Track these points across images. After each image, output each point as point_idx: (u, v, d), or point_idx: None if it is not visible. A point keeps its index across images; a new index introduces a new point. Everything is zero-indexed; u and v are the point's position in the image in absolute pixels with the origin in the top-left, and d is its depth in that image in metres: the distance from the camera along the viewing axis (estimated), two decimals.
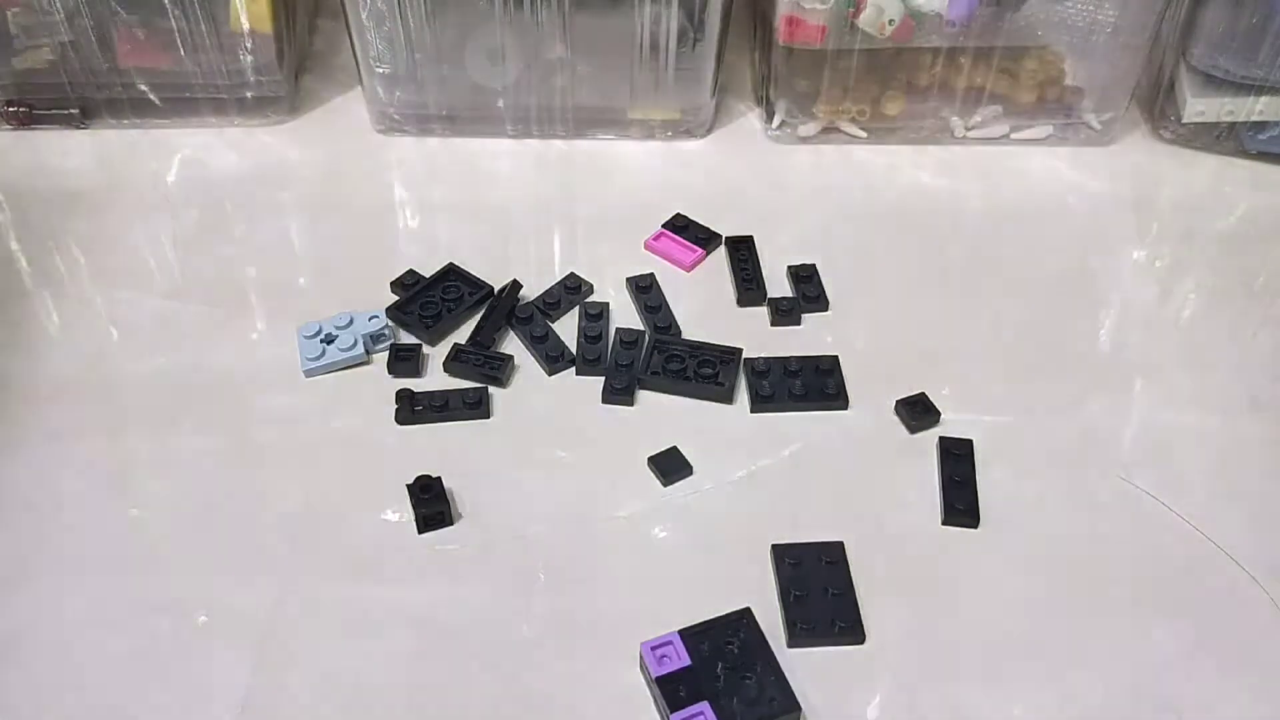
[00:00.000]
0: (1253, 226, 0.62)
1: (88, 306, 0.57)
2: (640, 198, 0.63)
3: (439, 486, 0.48)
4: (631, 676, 0.43)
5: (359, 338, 0.54)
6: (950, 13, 0.59)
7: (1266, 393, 0.54)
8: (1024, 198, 0.63)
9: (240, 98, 0.65)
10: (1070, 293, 0.58)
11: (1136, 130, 0.68)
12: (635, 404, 0.53)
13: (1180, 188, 0.64)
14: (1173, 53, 0.64)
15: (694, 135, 0.66)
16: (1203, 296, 0.58)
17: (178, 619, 0.45)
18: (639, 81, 0.63)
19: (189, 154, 0.65)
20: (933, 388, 0.53)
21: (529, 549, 0.47)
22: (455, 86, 0.64)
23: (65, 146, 0.65)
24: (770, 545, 0.47)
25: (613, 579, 0.46)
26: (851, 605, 0.45)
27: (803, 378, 0.53)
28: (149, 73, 0.64)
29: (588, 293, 0.57)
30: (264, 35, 0.63)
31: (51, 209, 0.62)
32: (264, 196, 0.63)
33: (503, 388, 0.53)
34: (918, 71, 0.63)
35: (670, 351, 0.54)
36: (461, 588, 0.46)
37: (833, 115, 0.65)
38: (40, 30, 0.61)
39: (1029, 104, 0.65)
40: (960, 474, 0.49)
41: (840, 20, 0.60)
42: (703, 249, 0.59)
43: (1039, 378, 0.54)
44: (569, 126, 0.66)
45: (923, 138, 0.66)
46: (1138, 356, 0.55)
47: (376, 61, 0.63)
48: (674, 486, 0.49)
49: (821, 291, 0.57)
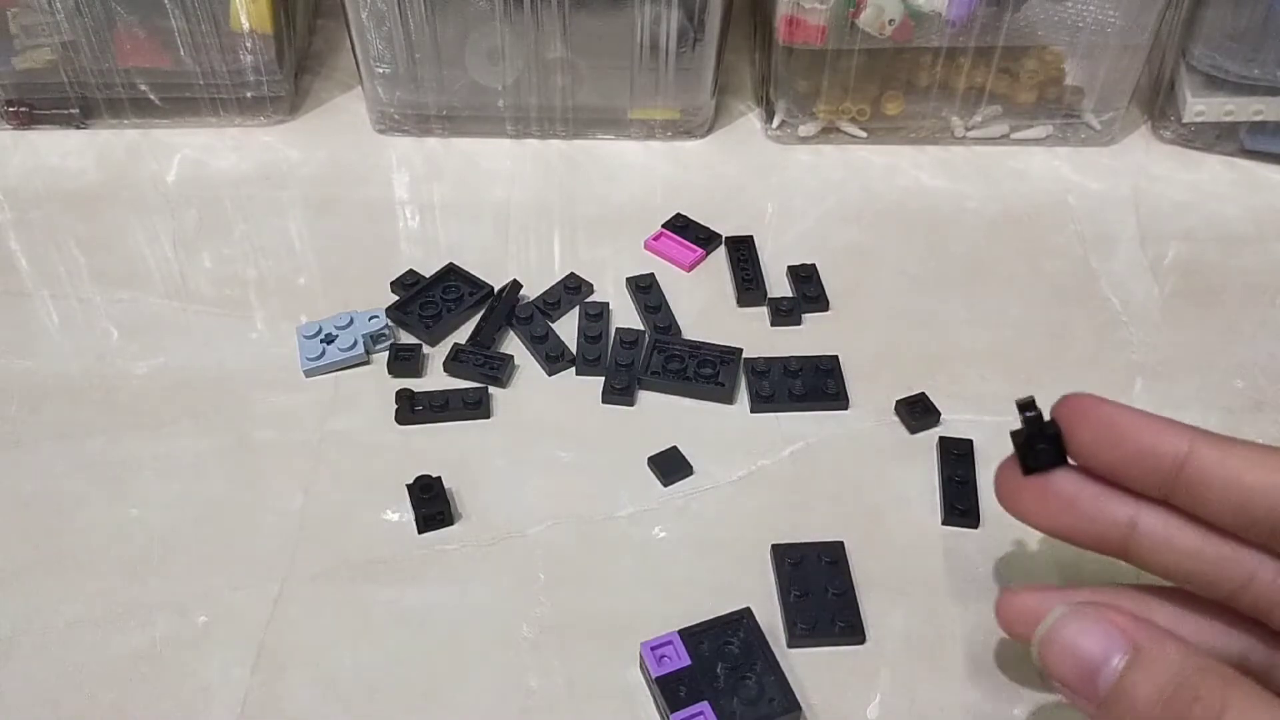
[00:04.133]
0: (1253, 226, 0.62)
1: (87, 306, 0.57)
2: (640, 198, 0.63)
3: (439, 486, 0.48)
4: (631, 676, 0.43)
5: (359, 338, 0.54)
6: (950, 13, 0.59)
7: (1267, 393, 0.54)
8: (1024, 197, 0.64)
9: (240, 97, 0.65)
10: (1070, 292, 0.58)
11: (1136, 130, 0.68)
12: (635, 404, 0.53)
13: (1180, 188, 0.64)
14: (1173, 53, 0.64)
15: (694, 135, 0.66)
16: (1203, 296, 0.58)
17: (178, 619, 0.45)
18: (639, 81, 0.63)
19: (189, 154, 0.65)
20: (933, 388, 0.53)
21: (529, 549, 0.47)
22: (455, 86, 0.64)
23: (65, 146, 0.65)
24: (770, 545, 0.47)
25: (613, 579, 0.46)
26: (851, 605, 0.45)
27: (803, 378, 0.53)
28: (149, 73, 0.64)
29: (588, 293, 0.57)
30: (264, 35, 0.63)
31: (51, 209, 0.62)
32: (264, 196, 0.63)
33: (503, 388, 0.53)
34: (918, 71, 0.63)
35: (670, 351, 0.54)
36: (461, 588, 0.46)
37: (833, 115, 0.65)
38: (40, 30, 0.61)
39: (1029, 104, 0.65)
40: (961, 474, 0.49)
41: (840, 20, 0.60)
42: (703, 249, 0.59)
43: (1039, 378, 0.54)
44: (569, 126, 0.66)
45: (923, 138, 0.66)
46: (1138, 356, 0.55)
47: (376, 61, 0.63)
48: (674, 486, 0.49)
49: (822, 291, 0.57)
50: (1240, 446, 0.36)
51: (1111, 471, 0.37)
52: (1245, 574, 0.36)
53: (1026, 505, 0.39)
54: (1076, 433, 0.38)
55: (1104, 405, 0.37)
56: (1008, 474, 0.39)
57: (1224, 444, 0.36)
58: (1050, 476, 0.38)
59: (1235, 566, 0.36)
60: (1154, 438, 0.36)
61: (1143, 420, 0.37)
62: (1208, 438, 0.36)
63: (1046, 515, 0.38)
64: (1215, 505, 0.35)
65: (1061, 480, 0.38)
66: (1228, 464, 0.35)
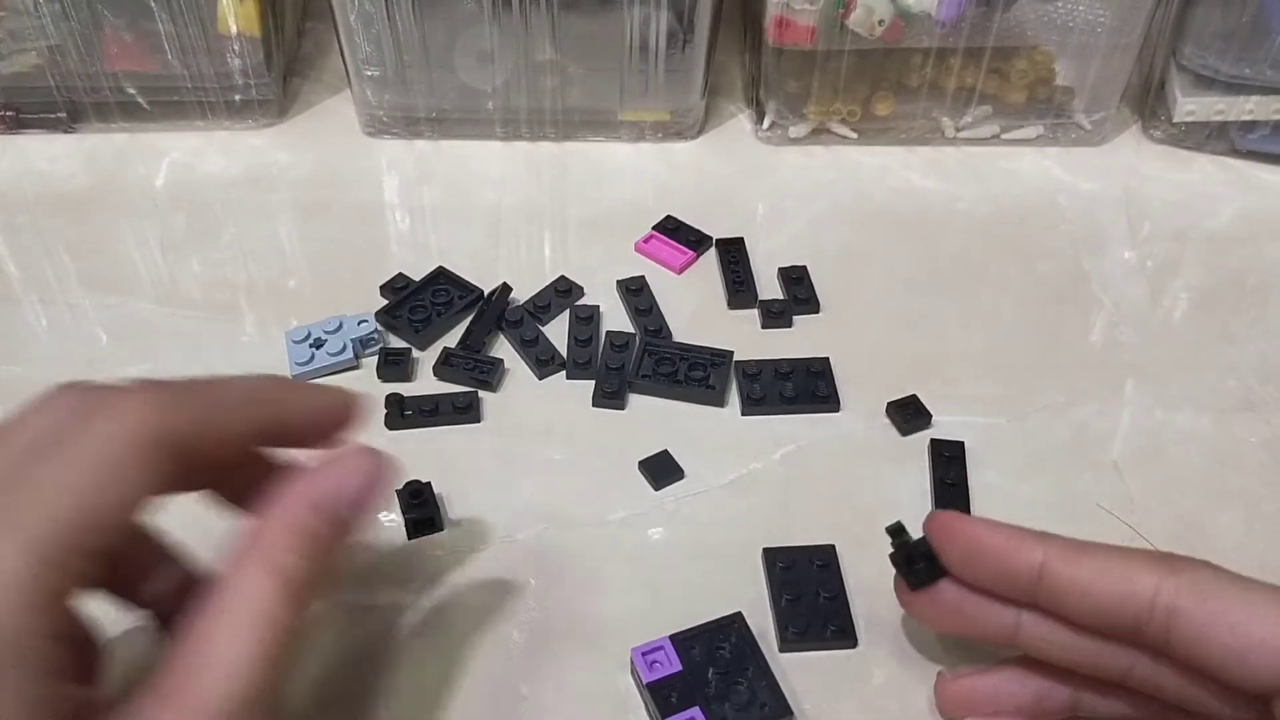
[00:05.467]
0: (1244, 226, 0.62)
1: (76, 311, 0.56)
2: (630, 200, 0.63)
3: (429, 492, 0.48)
4: (623, 682, 0.43)
5: (348, 342, 0.53)
6: (940, 13, 0.59)
7: (1258, 393, 0.54)
8: (1015, 198, 0.63)
9: (229, 101, 0.65)
10: (1062, 293, 0.58)
11: (1127, 130, 0.68)
12: (626, 407, 0.53)
13: (1171, 187, 0.64)
14: (1163, 52, 0.64)
15: (684, 137, 0.66)
16: (1194, 296, 0.58)
17: None
18: (629, 83, 0.63)
19: (177, 157, 0.65)
20: (924, 390, 0.53)
21: (519, 554, 0.47)
22: (444, 89, 0.64)
23: (53, 150, 0.65)
24: (762, 549, 0.47)
25: (604, 584, 0.46)
26: (843, 608, 0.45)
27: (794, 380, 0.53)
28: (137, 76, 0.63)
29: (578, 296, 0.57)
30: (252, 38, 0.63)
31: (39, 213, 0.61)
32: (252, 200, 0.62)
33: (493, 392, 0.53)
34: (908, 72, 0.63)
35: (661, 354, 0.54)
36: (451, 593, 0.46)
37: (823, 116, 0.65)
38: (27, 34, 0.61)
39: (1019, 104, 0.64)
40: (952, 476, 0.49)
41: (830, 21, 0.60)
42: (693, 251, 0.59)
43: (1031, 379, 0.54)
44: (559, 128, 0.65)
45: (913, 138, 0.66)
46: (1130, 357, 0.55)
47: (365, 64, 0.62)
48: (665, 490, 0.49)
49: (812, 293, 0.57)
50: (1089, 556, 0.37)
51: (981, 585, 0.39)
52: (1124, 665, 0.37)
53: (921, 612, 0.42)
54: (946, 551, 0.40)
55: (966, 524, 0.39)
56: (899, 586, 0.41)
57: (1074, 553, 0.37)
58: (935, 590, 0.40)
59: (1113, 659, 0.37)
60: (1010, 555, 0.38)
61: (1000, 536, 0.38)
62: (1060, 547, 0.37)
63: (939, 620, 0.41)
64: (1073, 613, 0.37)
65: (945, 593, 0.40)
66: (1079, 575, 0.37)
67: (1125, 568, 0.36)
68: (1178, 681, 0.37)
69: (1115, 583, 0.36)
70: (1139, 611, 0.36)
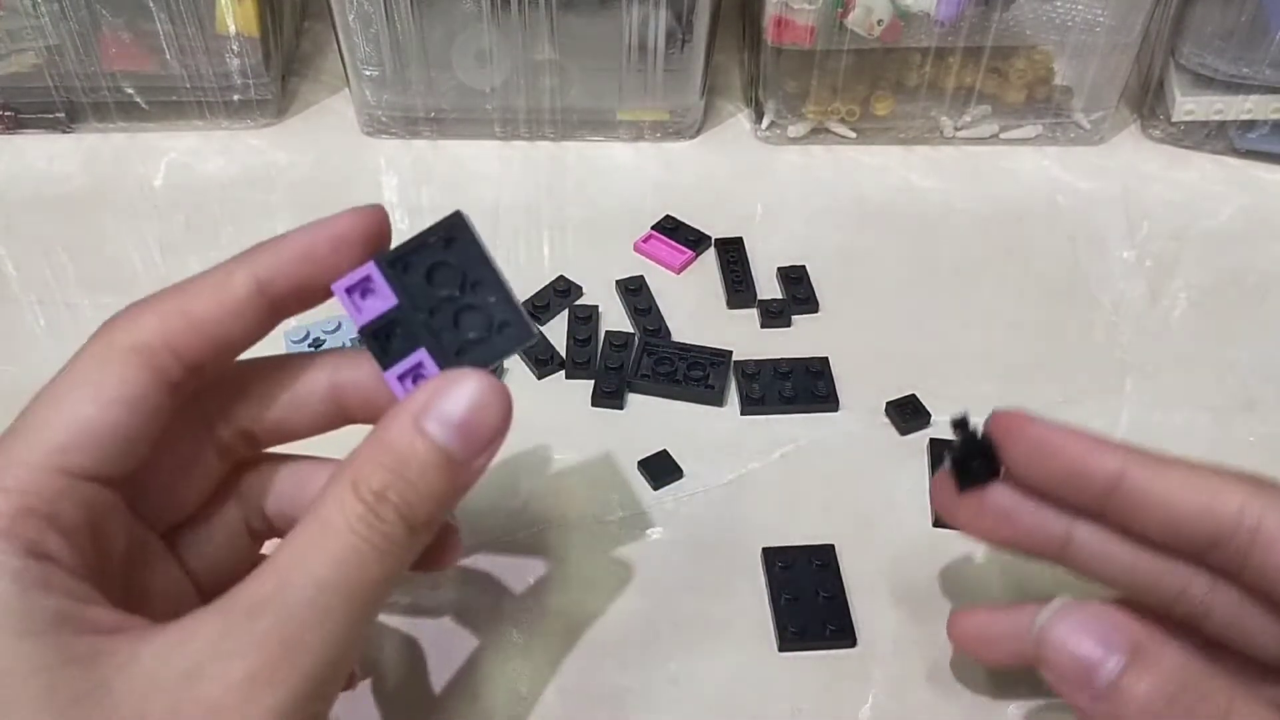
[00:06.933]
0: (1243, 225, 0.62)
1: (74, 311, 0.56)
2: (629, 200, 0.63)
3: None
4: (620, 678, 0.43)
5: (347, 342, 0.53)
6: (939, 12, 0.59)
7: (1258, 391, 0.54)
8: (1014, 197, 0.63)
9: (227, 100, 0.65)
10: (1060, 292, 0.58)
11: (1126, 129, 0.68)
12: (625, 407, 0.53)
13: (1170, 186, 0.64)
14: (1162, 51, 0.64)
15: (683, 136, 0.66)
16: (1193, 295, 0.58)
17: None
18: (627, 83, 0.63)
19: (176, 157, 0.65)
20: (923, 389, 0.53)
21: (519, 554, 0.47)
22: (443, 88, 0.64)
23: (51, 151, 0.65)
24: (761, 548, 0.47)
25: (603, 583, 0.46)
26: (842, 608, 0.45)
27: (793, 380, 0.53)
28: (135, 76, 0.63)
29: (577, 295, 0.57)
30: (251, 38, 0.63)
31: (37, 213, 0.61)
32: (251, 200, 0.62)
33: None
34: (907, 71, 0.63)
35: (660, 354, 0.54)
36: (450, 593, 0.46)
37: (822, 116, 0.65)
38: (24, 34, 0.61)
39: (1018, 103, 0.64)
40: None
41: (829, 21, 0.60)
42: (692, 251, 0.59)
43: (1030, 378, 0.54)
44: (557, 128, 0.65)
45: (912, 138, 0.66)
46: (1128, 356, 0.55)
47: (363, 64, 0.62)
48: (664, 490, 0.49)
49: (811, 293, 0.57)
50: (1172, 467, 0.36)
51: (1044, 488, 0.37)
52: (1178, 587, 0.37)
53: (963, 518, 0.39)
54: (1009, 450, 0.38)
55: (1035, 423, 0.37)
56: (943, 487, 0.40)
57: (1157, 465, 0.36)
58: (985, 492, 0.38)
59: (1168, 580, 0.37)
60: (1086, 457, 0.36)
61: (1074, 439, 0.37)
62: (1141, 458, 0.36)
63: (983, 529, 0.39)
64: (1148, 525, 0.36)
65: (997, 496, 0.38)
66: (1160, 486, 0.35)
67: (1211, 481, 0.35)
68: (1232, 610, 0.36)
69: (1199, 494, 0.35)
70: (1220, 527, 0.34)
